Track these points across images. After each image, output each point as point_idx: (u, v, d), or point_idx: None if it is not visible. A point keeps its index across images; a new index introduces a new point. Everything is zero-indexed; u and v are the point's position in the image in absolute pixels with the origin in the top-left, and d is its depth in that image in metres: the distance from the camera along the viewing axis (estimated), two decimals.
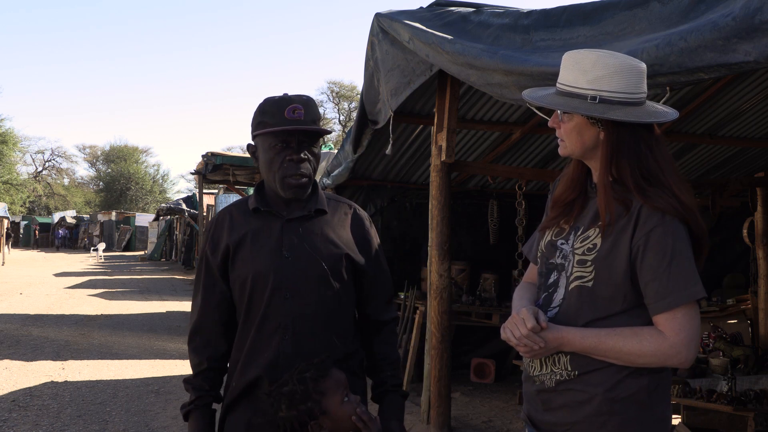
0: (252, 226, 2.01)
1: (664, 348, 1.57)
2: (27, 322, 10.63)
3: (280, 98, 1.98)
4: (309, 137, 1.99)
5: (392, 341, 2.13)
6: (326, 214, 2.04)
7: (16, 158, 40.80)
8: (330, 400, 1.75)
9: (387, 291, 2.13)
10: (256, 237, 1.99)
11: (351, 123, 8.29)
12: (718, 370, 5.04)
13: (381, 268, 2.11)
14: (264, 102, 2.01)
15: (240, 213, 2.05)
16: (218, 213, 2.14)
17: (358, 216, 2.11)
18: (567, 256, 1.73)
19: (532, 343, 1.64)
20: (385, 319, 2.11)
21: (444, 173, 4.58)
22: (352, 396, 1.79)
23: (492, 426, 5.30)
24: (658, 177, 1.64)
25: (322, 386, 1.76)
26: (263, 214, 2.02)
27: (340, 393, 1.76)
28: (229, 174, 11.17)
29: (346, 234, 2.04)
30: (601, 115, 1.62)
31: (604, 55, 1.66)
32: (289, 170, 1.96)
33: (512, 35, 3.38)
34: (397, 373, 2.10)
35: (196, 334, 2.05)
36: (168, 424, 5.33)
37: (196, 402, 2.00)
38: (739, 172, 7.01)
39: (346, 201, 2.15)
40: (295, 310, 1.93)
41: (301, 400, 1.75)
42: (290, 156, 1.96)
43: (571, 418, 1.68)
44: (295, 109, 1.94)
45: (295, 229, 1.99)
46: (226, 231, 2.02)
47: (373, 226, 2.14)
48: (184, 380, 2.06)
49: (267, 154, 1.98)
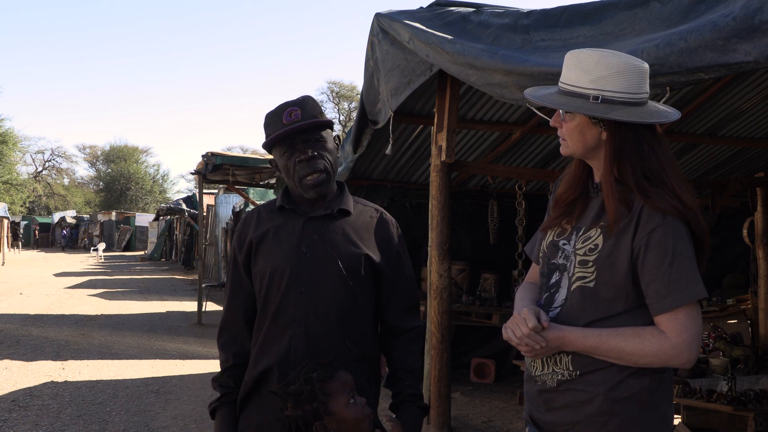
0: (275, 223, 2.04)
1: (666, 348, 1.57)
2: (27, 322, 10.63)
3: (277, 107, 2.03)
4: (313, 133, 2.00)
5: (412, 349, 2.08)
6: (350, 215, 2.05)
7: (16, 158, 40.79)
8: (336, 402, 1.75)
9: (409, 298, 2.11)
10: (278, 233, 2.02)
11: (351, 123, 8.30)
12: (718, 370, 5.04)
13: (403, 273, 2.09)
14: (265, 116, 2.05)
15: (267, 211, 2.10)
16: (249, 211, 2.19)
17: (384, 220, 2.11)
18: (569, 257, 1.73)
19: (534, 342, 1.64)
20: (405, 326, 2.07)
21: (444, 173, 4.58)
22: (359, 398, 1.79)
23: (492, 426, 5.30)
24: (660, 177, 1.63)
25: (328, 387, 1.76)
26: (287, 211, 2.05)
27: (346, 395, 1.76)
28: (229, 174, 11.16)
29: (369, 236, 2.04)
30: (604, 115, 1.62)
31: (606, 55, 1.65)
32: (302, 171, 1.99)
33: (512, 35, 3.38)
34: (416, 383, 2.06)
35: (224, 330, 2.09)
36: (168, 424, 5.33)
37: (222, 399, 2.03)
38: (739, 172, 7.01)
39: (374, 206, 2.16)
40: (309, 306, 1.94)
41: (306, 400, 1.76)
42: (299, 157, 1.98)
43: (572, 418, 1.68)
44: (291, 112, 1.98)
45: (317, 227, 2.01)
46: (252, 228, 2.07)
47: (399, 232, 2.13)
48: (212, 379, 2.09)
49: (281, 162, 2.03)
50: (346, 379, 1.79)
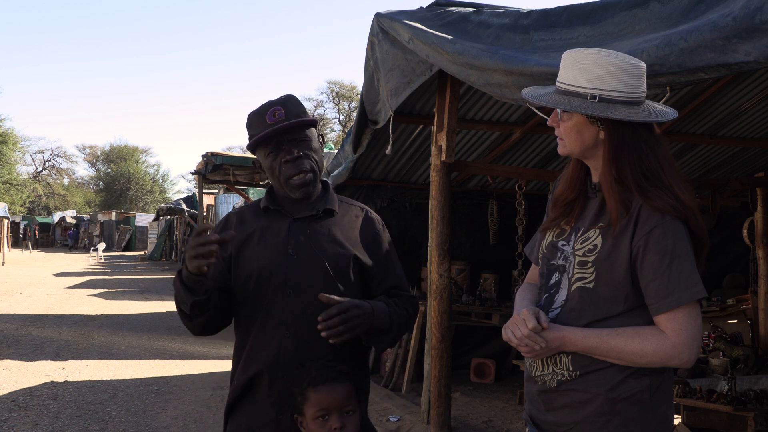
0: (260, 224, 2.02)
1: (666, 348, 1.57)
2: (27, 322, 10.63)
3: (260, 106, 2.00)
4: (298, 133, 1.98)
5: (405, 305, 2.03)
6: (336, 215, 2.03)
7: (16, 158, 40.78)
8: (307, 409, 1.79)
9: (402, 288, 2.09)
10: (264, 235, 1.99)
11: (351, 123, 8.30)
12: (718, 370, 5.04)
13: (392, 271, 2.07)
14: (248, 116, 2.02)
15: (251, 212, 2.07)
16: (230, 212, 2.16)
17: (370, 218, 2.09)
18: (568, 258, 1.72)
19: (533, 343, 1.64)
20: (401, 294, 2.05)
21: (444, 173, 4.58)
22: (334, 420, 1.76)
23: (492, 426, 5.30)
24: (659, 176, 1.63)
25: (308, 393, 1.79)
26: (273, 213, 2.03)
27: (316, 410, 1.77)
28: (229, 174, 11.17)
29: (355, 235, 2.02)
30: (601, 113, 1.62)
31: (603, 54, 1.65)
32: (288, 171, 1.96)
33: (512, 35, 3.38)
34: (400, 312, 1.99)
35: None
36: (168, 424, 5.33)
37: None
38: (739, 172, 7.01)
39: (359, 204, 2.13)
40: (297, 308, 1.92)
41: (298, 390, 1.82)
42: (284, 157, 1.96)
43: (572, 419, 1.68)
44: (275, 112, 1.95)
45: (303, 228, 1.98)
46: (234, 226, 2.04)
47: (385, 229, 2.11)
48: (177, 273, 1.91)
49: (266, 163, 2.00)
50: (323, 397, 1.77)
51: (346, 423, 1.77)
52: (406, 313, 2.03)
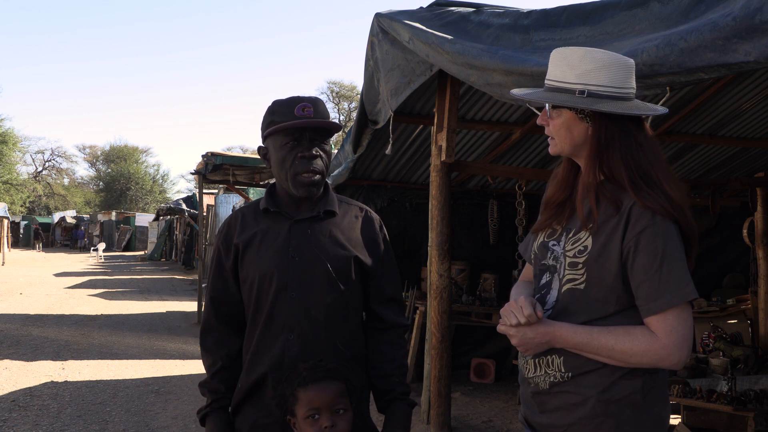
0: (261, 227, 2.01)
1: (656, 348, 1.56)
2: (27, 322, 10.63)
3: (289, 98, 1.99)
4: (320, 134, 1.98)
5: (400, 344, 2.08)
6: (336, 216, 2.03)
7: (16, 158, 40.75)
8: (298, 409, 1.78)
9: (395, 295, 2.10)
10: (265, 237, 1.99)
11: (351, 123, 8.29)
12: (718, 370, 5.04)
13: (390, 272, 2.08)
14: (273, 103, 2.01)
15: (251, 214, 2.06)
16: (231, 214, 2.15)
17: (369, 218, 2.09)
18: (558, 258, 1.72)
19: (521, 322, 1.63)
20: (393, 321, 2.06)
21: (444, 173, 4.58)
22: (324, 419, 1.75)
23: (492, 426, 5.30)
24: (648, 173, 1.62)
25: (298, 393, 1.78)
26: (273, 214, 2.02)
27: (306, 410, 1.76)
28: (229, 174, 11.17)
29: (356, 236, 2.02)
30: (590, 107, 1.61)
31: (591, 50, 1.65)
32: (300, 167, 1.95)
33: (512, 35, 3.38)
34: (405, 380, 2.04)
35: (207, 333, 2.03)
36: (168, 424, 5.33)
37: (212, 405, 1.98)
38: (739, 172, 7.00)
39: (358, 204, 2.13)
40: (300, 311, 1.92)
41: (288, 391, 1.81)
42: (302, 153, 1.95)
43: (566, 421, 1.67)
44: (305, 107, 1.94)
45: (304, 230, 1.98)
46: (237, 232, 2.03)
47: (384, 230, 2.11)
48: (199, 384, 2.03)
49: (279, 153, 1.98)
50: (314, 396, 1.76)
51: (337, 422, 1.76)
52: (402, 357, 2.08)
